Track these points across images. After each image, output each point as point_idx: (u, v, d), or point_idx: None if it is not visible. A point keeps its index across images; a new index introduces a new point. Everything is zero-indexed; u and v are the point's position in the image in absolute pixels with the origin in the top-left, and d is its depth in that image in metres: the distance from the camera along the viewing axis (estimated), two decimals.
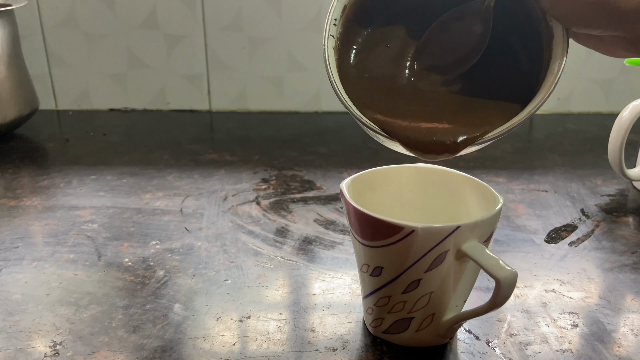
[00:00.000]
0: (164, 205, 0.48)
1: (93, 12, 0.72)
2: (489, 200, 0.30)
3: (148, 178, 0.54)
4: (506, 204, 0.49)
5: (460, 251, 0.27)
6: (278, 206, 0.48)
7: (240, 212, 0.47)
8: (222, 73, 0.75)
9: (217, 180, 0.53)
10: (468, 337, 0.32)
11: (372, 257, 0.29)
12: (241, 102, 0.77)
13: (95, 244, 0.41)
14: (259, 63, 0.74)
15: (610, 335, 0.32)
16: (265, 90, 0.76)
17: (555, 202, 0.49)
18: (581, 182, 0.54)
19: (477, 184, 0.32)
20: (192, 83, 0.76)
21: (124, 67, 0.75)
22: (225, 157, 0.59)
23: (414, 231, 0.26)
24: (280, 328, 0.32)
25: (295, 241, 0.42)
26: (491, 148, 0.62)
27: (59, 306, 0.34)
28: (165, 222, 0.45)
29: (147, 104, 0.77)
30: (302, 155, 0.60)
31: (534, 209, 0.48)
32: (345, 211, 0.30)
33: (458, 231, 0.27)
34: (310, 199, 0.49)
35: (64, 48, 0.74)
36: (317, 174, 0.55)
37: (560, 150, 0.62)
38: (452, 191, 0.33)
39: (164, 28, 0.73)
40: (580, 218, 0.46)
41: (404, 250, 0.27)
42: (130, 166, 0.57)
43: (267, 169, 0.56)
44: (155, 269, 0.38)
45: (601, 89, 0.76)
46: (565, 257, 0.40)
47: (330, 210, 0.47)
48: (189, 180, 0.53)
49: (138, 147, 0.62)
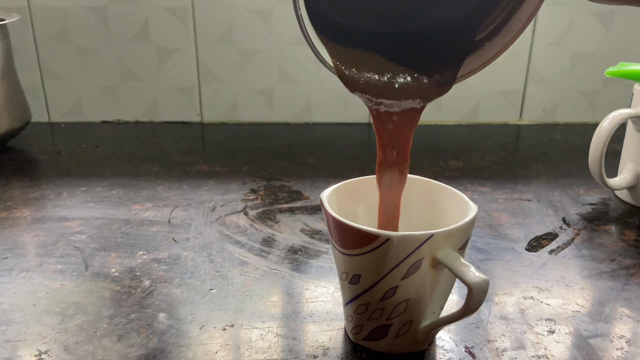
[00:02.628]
0: (153, 216, 0.48)
1: (86, 26, 0.74)
2: (464, 208, 0.31)
3: (138, 189, 0.54)
4: (489, 213, 0.50)
5: (435, 259, 0.28)
6: (265, 216, 0.49)
7: (227, 222, 0.47)
8: (213, 85, 0.76)
9: (206, 191, 0.54)
10: (447, 344, 0.33)
11: (350, 265, 0.29)
12: (232, 113, 0.78)
13: (83, 254, 0.42)
14: (250, 75, 0.76)
15: (586, 341, 0.33)
16: (256, 102, 0.77)
17: (537, 211, 0.50)
18: (564, 191, 0.55)
19: (454, 193, 0.33)
20: (183, 95, 0.77)
21: (116, 80, 0.76)
22: (215, 168, 0.60)
23: (389, 240, 0.27)
24: (263, 336, 0.33)
25: (281, 251, 0.43)
26: (476, 158, 0.63)
27: (45, 316, 0.35)
28: (153, 232, 0.45)
29: (139, 116, 0.78)
30: (291, 166, 0.61)
31: (517, 218, 0.49)
32: (325, 221, 0.31)
33: (432, 239, 0.27)
34: (298, 209, 0.50)
35: (56, 61, 0.75)
36: (305, 184, 0.56)
37: (544, 160, 0.63)
38: (431, 201, 0.34)
39: (155, 41, 0.74)
40: (561, 227, 0.47)
41: (380, 258, 0.28)
42: (121, 177, 0.57)
43: (255, 179, 0.57)
44: (142, 279, 0.39)
45: (586, 100, 0.77)
46: (545, 265, 0.41)
47: (317, 220, 0.48)
48: (178, 191, 0.54)
49: (129, 159, 0.63)
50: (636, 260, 0.41)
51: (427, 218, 0.34)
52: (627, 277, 0.39)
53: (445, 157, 0.64)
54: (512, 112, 0.77)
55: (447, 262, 0.27)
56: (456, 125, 0.76)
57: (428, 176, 0.35)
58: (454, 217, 0.32)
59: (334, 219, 0.29)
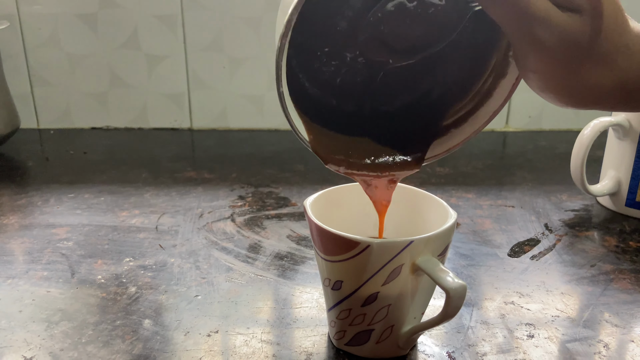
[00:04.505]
0: (140, 222, 0.49)
1: (75, 33, 0.74)
2: (444, 215, 0.31)
3: (126, 196, 0.54)
4: (473, 219, 0.50)
5: (415, 265, 0.28)
6: (252, 223, 0.49)
7: (215, 228, 0.48)
8: (203, 92, 0.77)
9: (194, 198, 0.54)
10: (429, 348, 0.33)
11: (332, 271, 0.30)
12: (222, 120, 0.78)
13: (70, 261, 0.42)
14: (239, 82, 0.76)
15: (565, 346, 0.33)
16: (246, 109, 0.77)
17: (520, 217, 0.51)
18: (547, 197, 0.55)
19: (434, 200, 0.33)
20: (173, 102, 0.77)
21: (106, 87, 0.76)
22: (204, 175, 0.61)
23: (370, 246, 0.28)
24: (247, 342, 0.33)
25: (267, 257, 0.43)
26: (462, 165, 0.64)
27: (31, 322, 0.35)
28: (140, 239, 0.46)
29: (128, 122, 0.78)
30: (280, 172, 0.61)
31: (500, 224, 0.49)
32: (309, 227, 0.31)
33: (412, 246, 0.28)
34: (285, 216, 0.50)
35: (46, 68, 0.75)
36: (293, 190, 0.56)
37: (529, 167, 0.64)
38: (412, 208, 0.35)
39: (145, 48, 0.74)
40: (543, 232, 0.48)
41: (361, 265, 0.28)
42: (109, 184, 0.58)
43: (244, 186, 0.57)
44: (128, 286, 0.39)
45: None
46: (526, 271, 0.42)
47: (304, 226, 0.48)
48: (166, 198, 0.54)
49: (118, 166, 0.63)
50: (616, 266, 0.42)
51: (407, 225, 0.35)
52: (606, 282, 0.40)
53: (432, 163, 0.64)
54: (499, 120, 0.78)
55: (427, 268, 0.28)
56: None
57: (414, 183, 0.36)
58: (434, 223, 0.32)
59: (316, 225, 0.29)
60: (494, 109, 0.30)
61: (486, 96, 0.30)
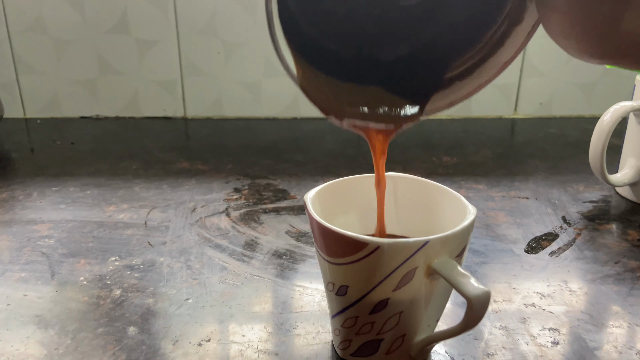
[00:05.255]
0: (128, 218, 0.45)
1: (61, 17, 0.70)
2: (462, 211, 0.28)
3: (113, 189, 0.51)
4: (485, 212, 0.47)
5: (430, 268, 0.25)
6: (249, 217, 0.46)
7: (208, 224, 0.44)
8: (196, 79, 0.73)
9: (187, 191, 0.51)
10: (443, 358, 0.30)
11: (337, 275, 0.27)
12: (217, 108, 0.75)
13: (50, 261, 0.39)
14: (235, 68, 0.72)
15: (592, 353, 0.30)
16: (242, 96, 0.74)
17: (536, 209, 0.48)
18: (563, 188, 0.52)
19: (450, 194, 0.30)
20: (165, 89, 0.73)
21: (95, 74, 0.73)
22: (197, 166, 0.57)
23: (379, 247, 0.24)
24: (242, 352, 0.30)
25: (265, 255, 0.40)
26: (471, 154, 0.61)
27: (4, 330, 0.32)
28: (127, 236, 0.42)
29: (119, 111, 0.75)
30: (277, 163, 0.58)
31: (514, 217, 0.46)
32: (310, 225, 0.28)
33: (427, 246, 0.25)
34: (283, 209, 0.47)
35: (31, 54, 0.72)
36: (292, 182, 0.53)
37: (541, 156, 0.61)
38: (425, 202, 0.31)
39: (135, 33, 0.71)
40: (561, 226, 0.45)
41: (369, 268, 0.25)
42: (96, 177, 0.54)
43: (240, 177, 0.54)
44: (112, 288, 0.36)
45: (583, 93, 0.75)
46: (546, 268, 0.38)
47: (303, 221, 0.45)
48: (156, 191, 0.51)
49: (106, 157, 0.60)
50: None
51: (420, 222, 0.32)
52: (633, 280, 0.37)
53: (439, 152, 0.61)
54: (507, 106, 0.75)
55: (444, 272, 0.24)
56: (449, 120, 0.74)
57: (421, 173, 0.33)
58: (450, 220, 0.29)
59: (317, 223, 0.26)
60: (504, 60, 0.26)
61: (497, 46, 0.27)
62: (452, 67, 0.27)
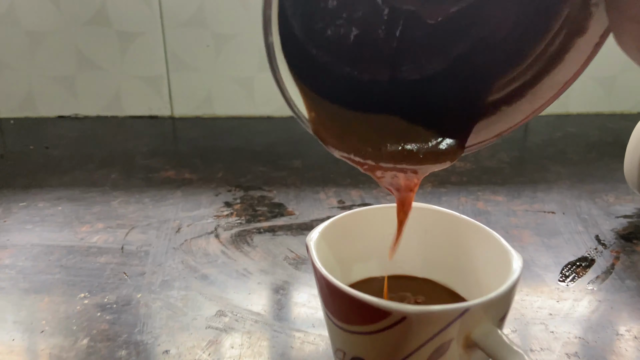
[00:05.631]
0: (103, 241, 0.40)
1: (35, 8, 0.64)
2: (501, 256, 0.23)
3: (88, 204, 0.45)
4: (508, 230, 0.42)
5: (470, 339, 0.20)
6: (241, 239, 0.40)
7: (194, 248, 0.39)
8: (184, 74, 0.67)
9: (171, 206, 0.45)
10: None
11: (349, 345, 0.21)
12: (207, 106, 0.69)
13: (8, 299, 0.33)
14: (226, 63, 0.66)
15: None
16: (234, 94, 0.68)
17: (565, 226, 0.42)
18: (591, 199, 0.47)
19: (486, 233, 0.24)
20: (150, 86, 0.67)
21: (73, 69, 0.66)
22: (184, 175, 0.51)
23: (406, 318, 0.19)
24: None
25: (259, 288, 0.34)
26: (486, 159, 0.55)
27: None
28: (100, 265, 0.37)
29: (100, 110, 0.68)
30: (273, 170, 0.52)
31: (542, 237, 0.41)
32: (314, 277, 0.23)
33: (466, 315, 0.19)
34: (280, 229, 0.42)
35: (3, 48, 0.65)
36: (290, 194, 0.47)
37: (562, 160, 0.55)
38: (454, 240, 0.26)
39: (116, 24, 0.64)
40: (596, 248, 0.39)
41: (392, 341, 0.20)
42: (70, 188, 0.48)
43: (231, 189, 0.48)
44: (78, 336, 0.30)
45: (602, 87, 0.69)
46: (586, 304, 0.33)
47: (303, 242, 0.40)
48: (137, 207, 0.45)
49: (83, 164, 0.54)
50: None
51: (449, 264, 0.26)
52: None
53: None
54: None
55: (489, 347, 0.19)
56: None
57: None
58: (485, 264, 0.24)
59: (327, 282, 0.21)
60: (564, 79, 0.21)
61: (553, 61, 0.21)
62: (495, 88, 0.22)
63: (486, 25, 0.21)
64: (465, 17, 0.21)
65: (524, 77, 0.22)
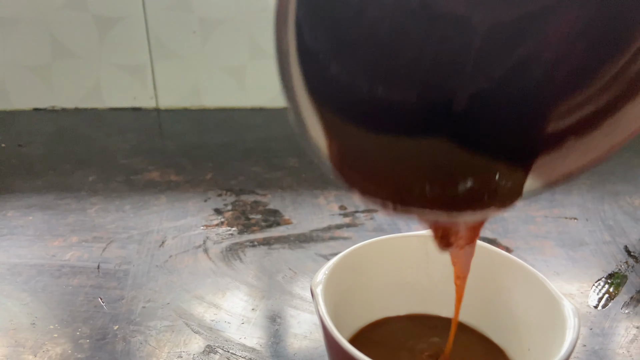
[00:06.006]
0: (76, 258, 0.35)
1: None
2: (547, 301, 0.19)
3: (62, 213, 0.41)
4: (529, 241, 0.38)
5: None
6: (232, 255, 0.36)
7: (180, 266, 0.35)
8: (169, 63, 0.62)
9: (155, 214, 0.41)
10: None
11: None
12: (194, 97, 0.64)
13: None
14: (215, 50, 0.61)
15: None
16: (223, 83, 0.63)
17: (590, 235, 0.38)
18: (615, 202, 0.43)
19: (526, 271, 0.20)
20: (132, 76, 0.62)
21: (48, 58, 0.61)
22: (170, 177, 0.47)
23: None
24: None
25: (253, 316, 0.30)
26: None
27: None
28: (72, 289, 0.32)
29: (79, 101, 0.63)
30: (267, 170, 0.48)
31: (566, 249, 0.37)
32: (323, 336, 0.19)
33: None
34: (276, 241, 0.37)
35: None
36: (286, 199, 0.43)
37: None
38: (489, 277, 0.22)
39: (94, 8, 0.59)
40: (626, 261, 0.36)
41: None
42: (43, 194, 0.44)
43: (221, 193, 0.44)
44: None
45: None
46: (622, 333, 0.29)
47: (302, 257, 0.36)
48: (116, 215, 0.41)
49: (59, 165, 0.49)
50: None
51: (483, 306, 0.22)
52: None
53: None
54: None
55: None
56: None
57: None
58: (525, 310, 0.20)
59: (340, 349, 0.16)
60: None
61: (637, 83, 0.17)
62: (557, 113, 0.17)
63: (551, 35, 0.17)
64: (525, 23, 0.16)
65: (596, 100, 0.17)
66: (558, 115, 0.18)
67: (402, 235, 0.22)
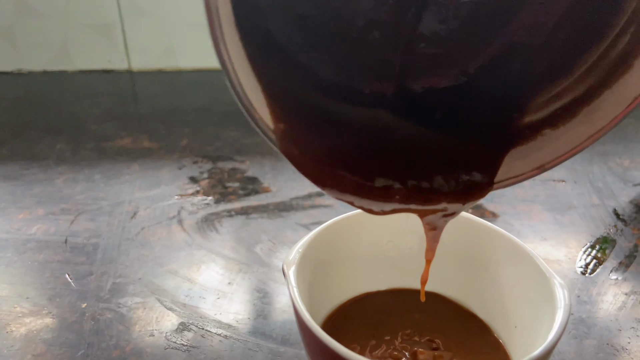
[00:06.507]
0: (43, 231, 0.34)
1: None
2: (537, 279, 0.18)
3: (28, 184, 0.39)
4: (515, 205, 0.37)
5: None
6: (208, 225, 0.34)
7: (153, 239, 0.33)
8: (140, 21, 0.58)
9: (127, 184, 0.39)
10: None
11: None
12: (169, 58, 0.61)
13: None
14: (189, 7, 0.58)
15: None
16: (199, 42, 0.60)
17: (578, 198, 0.37)
18: (604, 163, 0.42)
19: (515, 246, 0.19)
20: (102, 35, 0.59)
21: (11, 17, 0.57)
22: (142, 143, 0.45)
23: None
24: None
25: (230, 291, 0.29)
26: None
27: None
28: (38, 265, 0.31)
29: (46, 64, 0.60)
30: (246, 135, 0.46)
31: (553, 213, 0.36)
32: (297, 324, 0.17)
33: None
34: (254, 210, 0.36)
35: None
36: (265, 166, 0.41)
37: None
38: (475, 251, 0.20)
39: None
40: (615, 225, 0.35)
41: None
42: (8, 164, 0.41)
43: (197, 160, 0.42)
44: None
45: None
46: (610, 300, 0.29)
47: (282, 227, 0.34)
48: (85, 185, 0.39)
49: (25, 131, 0.47)
50: None
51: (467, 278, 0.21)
52: None
53: None
54: None
55: None
56: None
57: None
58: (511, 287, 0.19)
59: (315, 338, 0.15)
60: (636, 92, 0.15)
61: (616, 69, 0.16)
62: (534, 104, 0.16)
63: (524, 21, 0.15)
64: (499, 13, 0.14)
65: (574, 90, 0.16)
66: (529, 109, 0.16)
67: None
